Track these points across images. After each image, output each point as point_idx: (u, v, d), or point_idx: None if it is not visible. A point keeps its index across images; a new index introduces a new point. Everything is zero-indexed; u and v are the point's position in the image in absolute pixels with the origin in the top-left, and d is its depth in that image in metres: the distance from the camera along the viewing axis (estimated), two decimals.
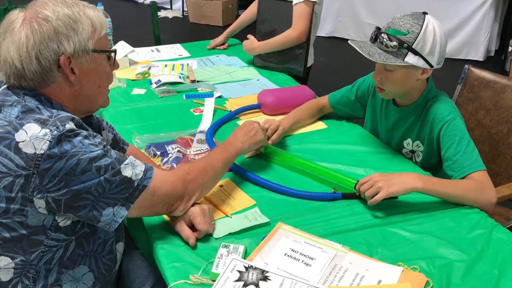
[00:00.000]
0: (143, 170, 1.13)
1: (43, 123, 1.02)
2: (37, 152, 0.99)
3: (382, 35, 1.47)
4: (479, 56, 4.84)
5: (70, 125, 1.04)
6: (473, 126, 1.96)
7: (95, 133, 1.11)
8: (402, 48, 1.45)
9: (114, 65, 1.22)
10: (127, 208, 1.10)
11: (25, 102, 1.07)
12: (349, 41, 1.56)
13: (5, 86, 1.13)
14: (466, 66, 2.03)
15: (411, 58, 1.45)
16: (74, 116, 1.08)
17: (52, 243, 1.08)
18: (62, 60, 1.08)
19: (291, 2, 2.33)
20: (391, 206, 1.40)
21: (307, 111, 1.88)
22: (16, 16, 1.08)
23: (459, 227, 1.31)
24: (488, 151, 1.92)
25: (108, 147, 1.11)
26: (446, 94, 1.62)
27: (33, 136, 1.00)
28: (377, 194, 1.34)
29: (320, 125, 1.90)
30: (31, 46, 1.05)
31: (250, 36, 2.51)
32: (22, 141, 0.99)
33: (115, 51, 1.21)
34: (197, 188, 1.24)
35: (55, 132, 1.01)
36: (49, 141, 1.00)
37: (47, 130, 1.00)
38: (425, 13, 1.49)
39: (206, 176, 1.27)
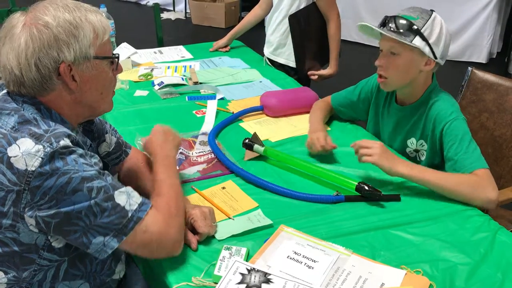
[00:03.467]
0: (139, 202, 1.08)
1: (37, 138, 0.99)
2: (28, 169, 0.96)
3: (392, 19, 1.51)
4: (482, 58, 4.83)
5: (64, 142, 1.00)
6: (476, 129, 1.95)
7: (92, 153, 1.07)
8: (410, 31, 1.49)
9: (118, 69, 1.18)
10: (118, 240, 1.04)
11: (23, 111, 1.04)
12: (358, 24, 1.59)
13: (5, 92, 1.10)
14: (469, 68, 2.03)
15: (418, 41, 1.49)
16: (70, 132, 1.05)
17: (44, 263, 1.06)
18: (62, 68, 1.04)
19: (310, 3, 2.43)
20: (394, 209, 1.39)
21: (325, 111, 1.88)
22: (17, 20, 1.05)
23: (463, 230, 1.31)
24: (492, 154, 1.91)
25: (106, 172, 1.07)
26: (449, 94, 1.62)
27: (25, 152, 0.97)
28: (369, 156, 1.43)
29: None
30: (30, 54, 1.02)
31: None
32: (14, 156, 0.97)
33: (117, 57, 1.16)
34: (183, 217, 1.19)
35: (48, 148, 0.97)
36: (41, 157, 0.97)
37: (40, 147, 0.97)
38: (432, 10, 1.54)
39: (181, 198, 1.22)
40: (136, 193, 1.10)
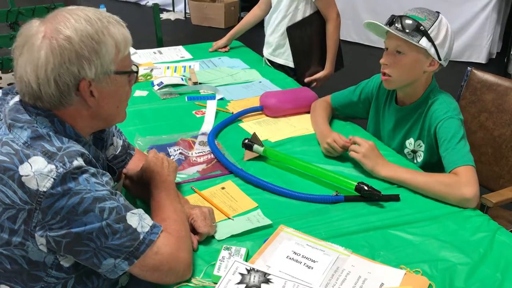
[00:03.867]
0: (150, 224, 1.06)
1: (50, 157, 0.97)
2: (40, 189, 0.94)
3: (399, 19, 1.52)
4: (481, 58, 4.83)
5: (77, 162, 0.98)
6: (476, 129, 1.95)
7: (103, 171, 1.05)
8: (417, 31, 1.50)
9: (135, 81, 1.15)
10: (129, 263, 1.03)
11: (36, 124, 1.01)
12: (365, 22, 1.60)
13: (17, 100, 1.06)
14: (468, 68, 2.03)
15: (424, 42, 1.51)
16: (84, 150, 1.02)
17: (52, 280, 1.05)
18: (82, 85, 1.01)
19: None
20: (393, 209, 1.39)
21: (327, 111, 1.88)
22: (36, 29, 1.00)
23: (462, 230, 1.31)
24: (491, 154, 1.91)
25: (118, 192, 1.05)
26: (450, 94, 1.62)
27: (37, 172, 0.95)
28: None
29: None
30: (50, 69, 0.98)
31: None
32: (26, 175, 0.95)
33: (137, 72, 1.13)
34: (190, 241, 1.18)
35: (61, 169, 0.95)
36: (54, 178, 0.95)
37: (53, 167, 0.95)
38: (438, 12, 1.56)
39: (186, 222, 1.20)
40: (147, 215, 1.08)
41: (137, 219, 1.04)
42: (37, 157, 0.96)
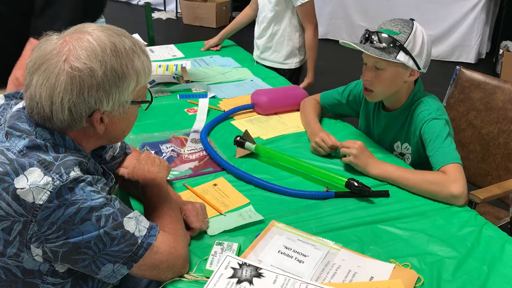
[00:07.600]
0: (147, 227, 1.06)
1: (46, 167, 0.95)
2: (36, 202, 0.93)
3: (374, 34, 1.51)
4: (470, 58, 4.88)
5: (75, 173, 0.97)
6: (464, 127, 1.98)
7: (99, 177, 1.05)
8: (394, 47, 1.50)
9: (147, 107, 1.14)
10: (128, 267, 1.03)
11: (35, 135, 1.00)
12: (340, 42, 1.60)
13: (21, 106, 1.05)
14: (457, 67, 2.06)
15: (402, 57, 1.50)
16: (82, 159, 1.02)
17: (48, 287, 1.05)
18: (95, 115, 1.01)
19: None
20: (382, 204, 1.42)
21: (317, 109, 1.90)
22: (57, 49, 0.97)
23: (450, 225, 1.33)
24: (479, 151, 1.94)
25: (113, 196, 1.05)
26: (434, 96, 1.64)
27: (33, 185, 0.93)
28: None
29: None
30: (67, 99, 0.96)
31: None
32: (21, 189, 0.93)
33: (151, 101, 1.12)
34: (185, 236, 1.19)
35: (58, 182, 0.94)
36: (50, 191, 0.93)
37: (49, 179, 0.94)
38: (412, 19, 1.56)
39: (180, 217, 1.22)
40: (143, 217, 1.08)
41: (134, 223, 1.03)
42: (33, 168, 0.95)
